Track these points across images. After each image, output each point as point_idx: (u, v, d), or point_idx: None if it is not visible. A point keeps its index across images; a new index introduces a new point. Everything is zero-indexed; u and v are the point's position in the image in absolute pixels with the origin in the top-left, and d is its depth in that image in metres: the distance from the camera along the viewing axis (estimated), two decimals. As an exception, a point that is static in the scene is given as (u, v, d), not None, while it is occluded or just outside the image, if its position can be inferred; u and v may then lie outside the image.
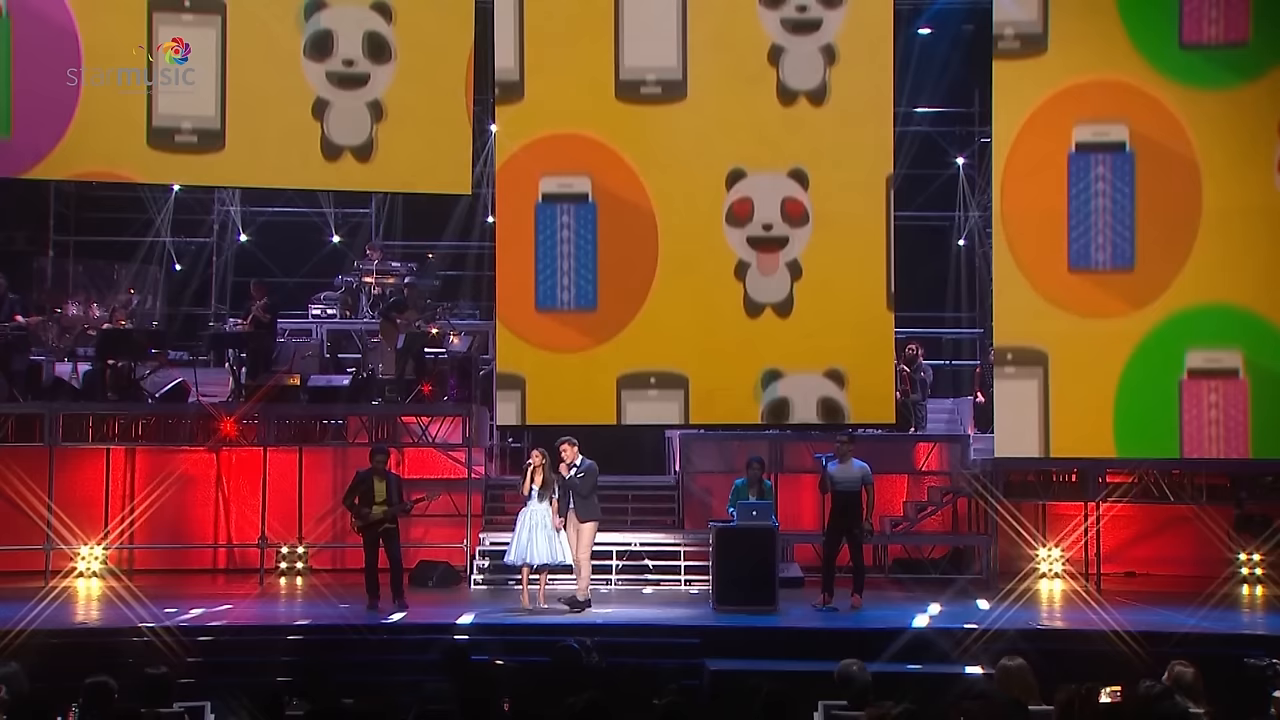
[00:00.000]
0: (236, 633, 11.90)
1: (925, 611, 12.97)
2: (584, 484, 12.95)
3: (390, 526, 13.21)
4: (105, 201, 19.06)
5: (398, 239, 20.42)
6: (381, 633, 12.04)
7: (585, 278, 15.48)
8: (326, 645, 11.60)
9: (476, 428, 16.13)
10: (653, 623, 12.47)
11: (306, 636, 11.80)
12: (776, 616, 12.78)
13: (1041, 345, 14.92)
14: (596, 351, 15.50)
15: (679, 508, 16.60)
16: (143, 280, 18.49)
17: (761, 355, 15.42)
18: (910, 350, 17.30)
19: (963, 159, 20.00)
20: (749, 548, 13.06)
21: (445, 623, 12.26)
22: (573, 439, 13.15)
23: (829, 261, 15.39)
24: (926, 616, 12.70)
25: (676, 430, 16.75)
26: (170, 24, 15.11)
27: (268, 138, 15.22)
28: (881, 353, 15.49)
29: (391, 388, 16.38)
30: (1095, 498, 15.33)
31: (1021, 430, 14.94)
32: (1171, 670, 7.11)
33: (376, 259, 18.67)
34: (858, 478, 13.23)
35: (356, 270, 18.79)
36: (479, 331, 17.88)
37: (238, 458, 16.45)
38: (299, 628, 12.19)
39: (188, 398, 16.19)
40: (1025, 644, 10.37)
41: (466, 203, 18.91)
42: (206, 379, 16.76)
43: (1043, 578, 15.47)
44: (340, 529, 15.61)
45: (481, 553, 15.37)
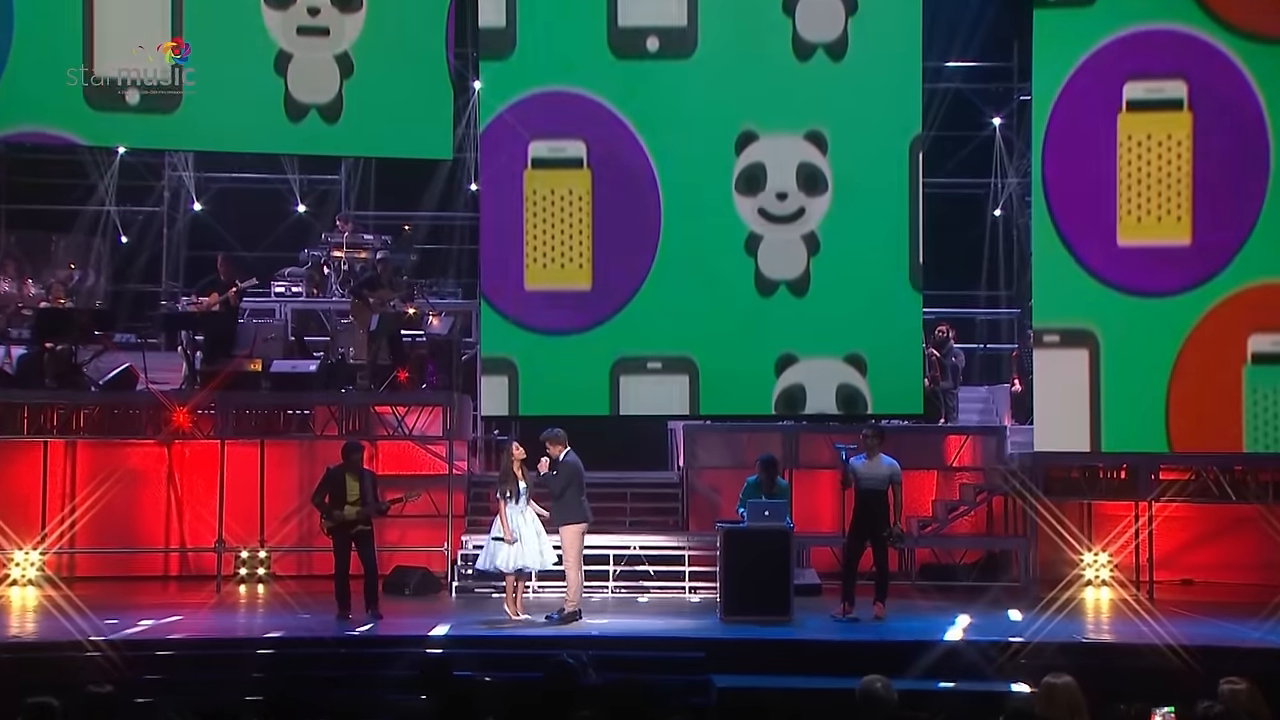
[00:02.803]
0: (190, 647, 11.87)
1: (957, 623, 12.95)
2: (555, 483, 12.94)
3: (363, 528, 13.20)
4: (41, 165, 18.97)
5: (370, 209, 20.39)
6: (353, 646, 12.01)
7: (579, 252, 15.46)
8: (292, 660, 11.57)
9: (459, 419, 16.12)
10: (654, 635, 12.45)
11: (269, 651, 11.77)
12: (791, 628, 12.75)
13: (1087, 327, 14.91)
14: (592, 334, 15.50)
15: (683, 507, 16.60)
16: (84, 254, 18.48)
17: (775, 338, 15.42)
18: (940, 332, 17.29)
19: (999, 119, 19.95)
20: (761, 552, 13.05)
21: (424, 635, 12.23)
22: (559, 434, 13.09)
23: (850, 234, 15.39)
24: (958, 628, 12.68)
25: (680, 421, 16.74)
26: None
27: (224, 95, 15.17)
28: (907, 335, 15.49)
29: (364, 374, 16.37)
30: (1147, 497, 15.31)
31: (1064, 421, 14.94)
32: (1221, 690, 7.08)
33: (347, 231, 18.65)
34: (885, 475, 13.20)
35: (324, 244, 18.76)
36: (461, 312, 17.87)
37: (192, 452, 16.41)
38: (261, 641, 12.15)
39: (135, 385, 16.17)
40: (1068, 659, 10.37)
41: (447, 168, 18.87)
42: (157, 364, 16.73)
43: (1088, 586, 15.46)
44: (307, 531, 15.56)
45: (464, 557, 15.35)
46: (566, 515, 12.97)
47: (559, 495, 12.93)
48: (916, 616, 13.52)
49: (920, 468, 16.54)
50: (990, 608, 14.00)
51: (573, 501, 12.96)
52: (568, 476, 12.93)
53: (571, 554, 12.99)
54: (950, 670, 11.09)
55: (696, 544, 15.52)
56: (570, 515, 12.96)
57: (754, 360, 15.46)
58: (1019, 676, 10.60)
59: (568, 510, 12.97)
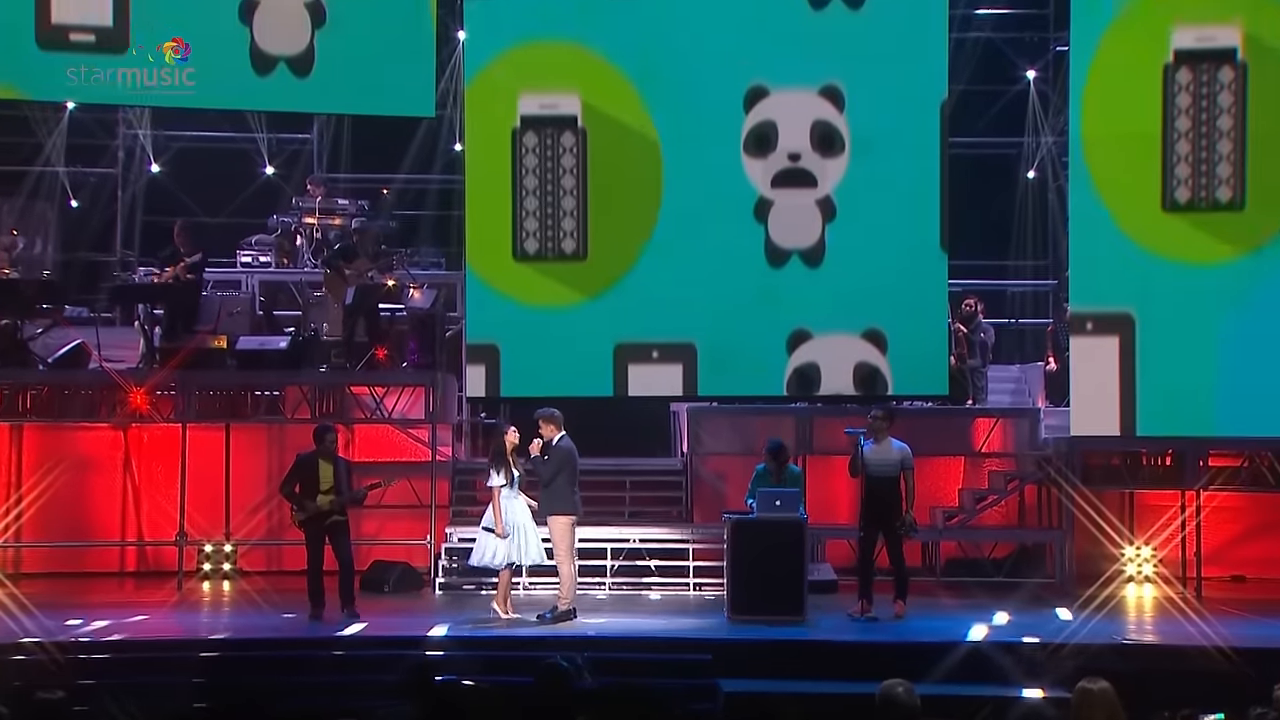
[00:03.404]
0: (148, 649, 11.89)
1: (985, 622, 12.96)
2: (545, 469, 12.92)
3: (338, 520, 13.20)
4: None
5: (345, 171, 20.35)
6: (328, 648, 12.03)
7: (573, 219, 15.43)
8: (260, 665, 11.60)
9: (442, 400, 16.12)
10: (655, 635, 12.47)
11: (236, 653, 11.79)
12: (804, 628, 12.78)
13: (1129, 299, 14.86)
14: (587, 308, 15.47)
15: (686, 497, 16.61)
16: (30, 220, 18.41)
17: (786, 312, 15.38)
18: (967, 306, 17.26)
19: (1034, 72, 19.89)
20: (771, 545, 13.06)
21: (405, 635, 12.26)
22: (556, 415, 13.09)
23: (869, 198, 15.33)
24: (986, 628, 12.70)
25: (683, 403, 16.73)
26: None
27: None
28: (932, 309, 15.46)
29: (339, 352, 16.35)
30: (1194, 485, 15.33)
31: (1104, 403, 14.90)
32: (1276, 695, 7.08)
33: (319, 196, 18.60)
34: (895, 461, 13.22)
35: (295, 209, 18.73)
36: (445, 284, 17.84)
37: (150, 437, 16.42)
38: (226, 643, 12.17)
39: (88, 363, 16.15)
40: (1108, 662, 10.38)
41: (429, 127, 18.82)
42: (111, 340, 16.72)
43: (1129, 582, 15.48)
44: (277, 523, 15.60)
45: (449, 551, 15.37)
46: (556, 505, 12.96)
47: (548, 483, 12.93)
48: (941, 615, 13.54)
49: (945, 454, 16.56)
50: (1022, 606, 14.01)
51: (563, 491, 12.95)
52: (559, 463, 12.92)
53: (563, 547, 12.99)
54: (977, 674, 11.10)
55: (701, 537, 15.54)
56: (560, 505, 12.95)
57: (764, 337, 15.42)
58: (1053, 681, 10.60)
59: (557, 500, 12.95)
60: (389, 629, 12.59)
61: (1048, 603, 14.30)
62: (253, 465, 16.33)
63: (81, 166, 19.71)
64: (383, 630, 12.55)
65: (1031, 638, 11.96)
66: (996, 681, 10.99)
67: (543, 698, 7.62)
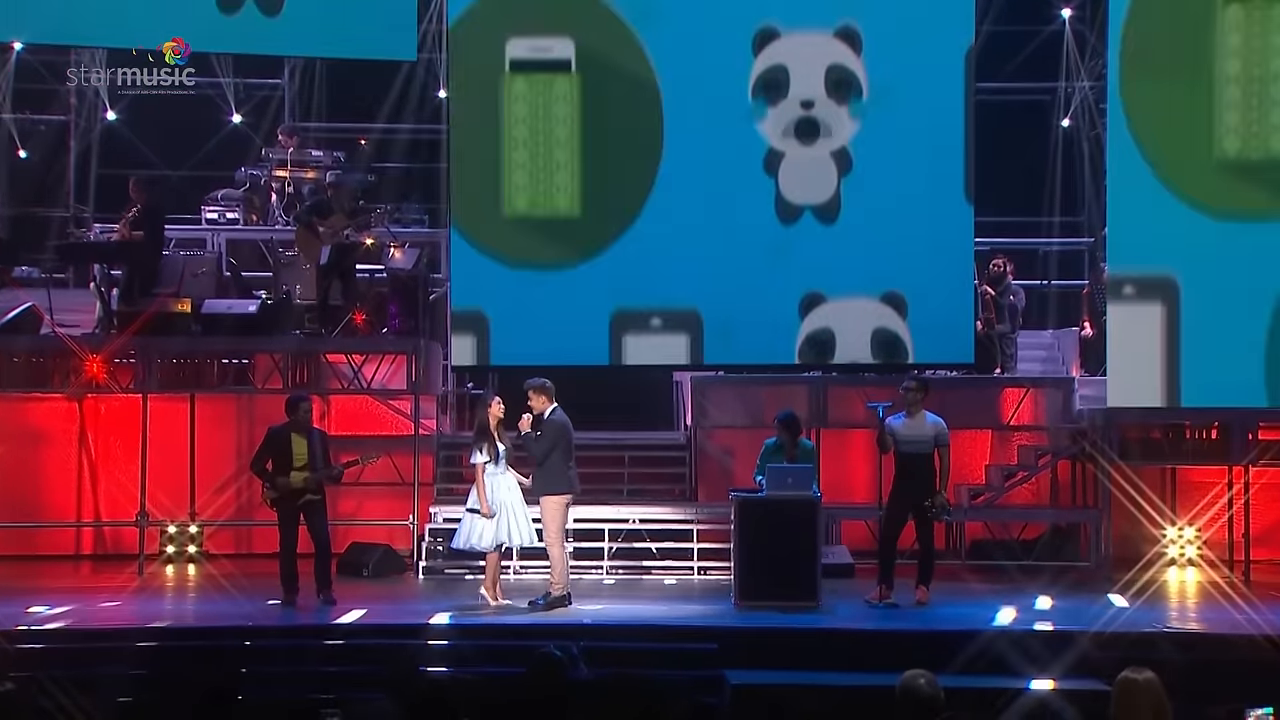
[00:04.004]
0: (107, 638, 11.87)
1: (1014, 609, 12.98)
2: (538, 445, 12.93)
3: (313, 498, 13.21)
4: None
5: (319, 120, 20.29)
6: (302, 636, 12.05)
7: (567, 173, 15.43)
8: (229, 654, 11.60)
9: (425, 369, 16.11)
10: (657, 623, 12.49)
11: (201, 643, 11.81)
12: (818, 615, 12.81)
13: (1173, 260, 14.86)
14: (582, 270, 15.48)
15: (690, 473, 16.62)
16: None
17: (799, 274, 15.40)
18: (995, 267, 17.25)
19: (1069, 11, 19.81)
20: (782, 525, 13.06)
21: (386, 623, 12.29)
22: (546, 385, 13.08)
23: (888, 149, 15.36)
24: (1015, 615, 12.72)
25: (687, 372, 16.74)
26: None
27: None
28: (956, 270, 15.49)
29: (313, 316, 16.34)
30: (1243, 460, 15.34)
31: (1144, 371, 14.93)
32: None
33: (291, 146, 18.56)
34: (929, 436, 13.20)
35: (264, 161, 18.69)
36: (428, 243, 17.82)
37: (108, 408, 16.42)
38: (192, 631, 12.19)
39: (39, 328, 16.13)
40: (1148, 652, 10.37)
41: (410, 72, 18.75)
42: (65, 303, 16.68)
43: (1171, 565, 15.50)
44: (246, 502, 15.61)
45: (433, 532, 15.39)
46: (550, 484, 12.96)
47: (542, 460, 12.93)
48: (967, 602, 13.56)
49: (972, 427, 16.55)
50: (1055, 592, 14.03)
51: (558, 468, 12.95)
52: (553, 438, 12.91)
53: (554, 529, 13.01)
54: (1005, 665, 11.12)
55: (707, 516, 15.56)
56: (554, 484, 12.95)
57: (774, 300, 15.45)
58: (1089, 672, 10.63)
59: (552, 478, 12.95)
60: (368, 616, 12.59)
61: (1083, 588, 14.32)
62: (220, 439, 16.33)
63: (30, 113, 19.63)
64: (362, 618, 12.54)
65: (1065, 626, 11.97)
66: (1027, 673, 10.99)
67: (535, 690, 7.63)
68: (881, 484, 14.33)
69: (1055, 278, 19.56)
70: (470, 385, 17.84)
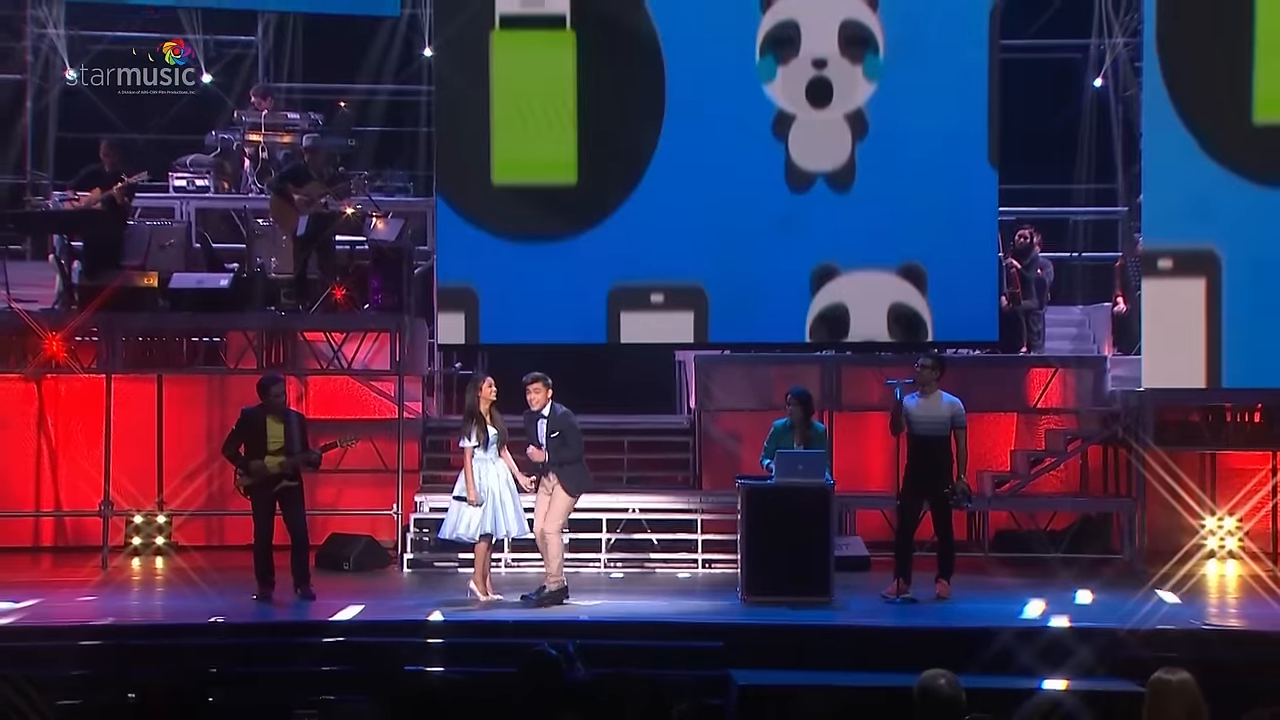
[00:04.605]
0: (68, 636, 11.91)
1: (1040, 604, 13.03)
2: (569, 451, 13.01)
3: (290, 485, 13.23)
4: None
5: (296, 80, 20.26)
6: (278, 634, 12.11)
7: (562, 137, 15.42)
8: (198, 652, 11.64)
9: (410, 348, 16.12)
10: (658, 619, 12.54)
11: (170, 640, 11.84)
12: (831, 611, 12.86)
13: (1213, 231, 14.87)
14: (578, 241, 15.49)
15: (694, 459, 16.65)
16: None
17: (810, 245, 15.40)
18: (1022, 238, 17.25)
19: (1102, -41, 19.81)
20: (793, 515, 13.10)
21: (368, 619, 12.32)
22: (544, 377, 13.13)
23: (906, 111, 15.36)
24: (1042, 611, 12.76)
25: (690, 351, 16.76)
26: None
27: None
28: (980, 241, 15.50)
29: (289, 291, 16.34)
30: (1287, 446, 15.42)
31: (1182, 350, 14.94)
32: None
33: (266, 109, 18.54)
34: (945, 418, 13.23)
35: (237, 124, 18.66)
36: (413, 212, 17.81)
37: (69, 390, 16.45)
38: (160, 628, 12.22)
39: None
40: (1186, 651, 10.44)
41: (394, 28, 18.72)
42: (22, 278, 16.67)
43: (1210, 558, 15.54)
44: (218, 490, 15.65)
45: (418, 522, 15.42)
46: (582, 482, 13.21)
47: (576, 460, 13.09)
48: (990, 597, 13.62)
49: (996, 410, 16.57)
50: (1085, 586, 14.07)
51: (583, 466, 13.21)
52: (578, 438, 13.10)
53: (563, 520, 13.14)
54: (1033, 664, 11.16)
55: (711, 506, 15.59)
56: (584, 482, 13.22)
57: (784, 274, 15.46)
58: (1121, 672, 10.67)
59: (583, 476, 13.22)
60: (349, 612, 12.63)
61: (1115, 582, 14.34)
62: (189, 423, 16.37)
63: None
64: (342, 614, 12.58)
65: (1095, 623, 12.01)
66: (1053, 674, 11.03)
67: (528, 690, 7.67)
68: (899, 470, 14.35)
69: (1086, 249, 19.57)
70: (458, 365, 17.85)
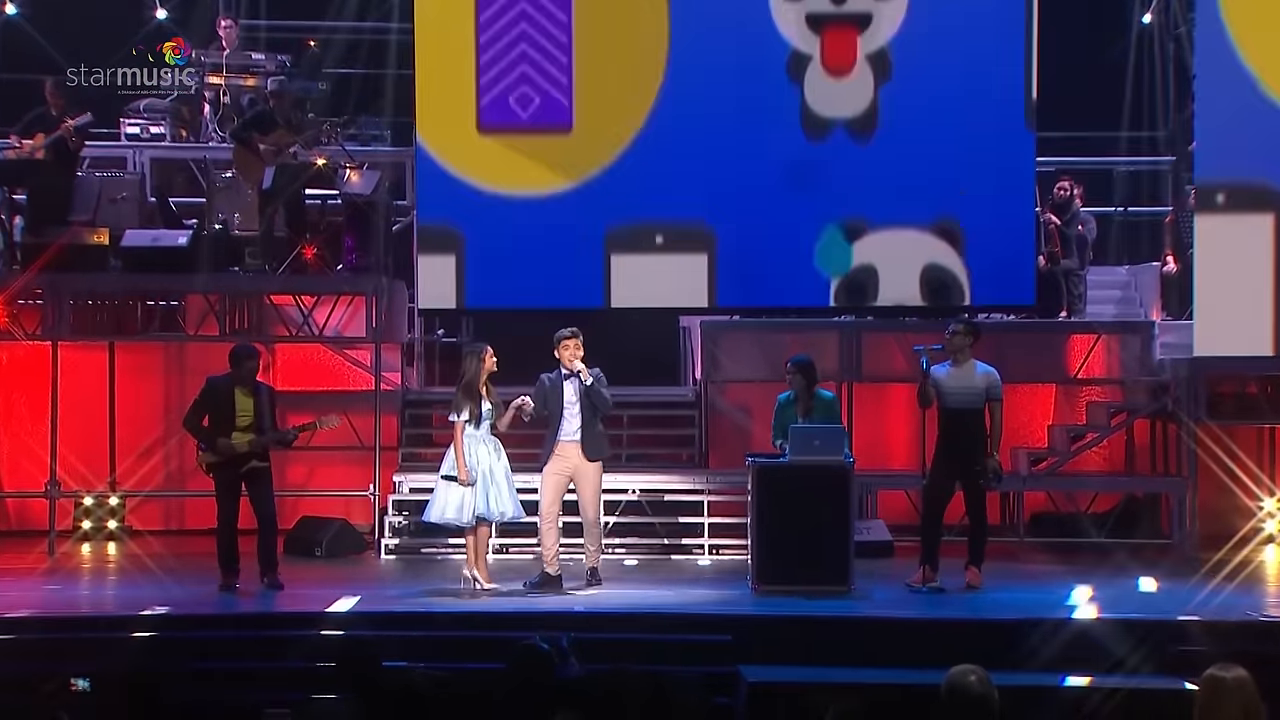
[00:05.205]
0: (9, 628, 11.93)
1: (1082, 594, 13.02)
2: (605, 402, 13.17)
3: (257, 465, 13.22)
4: None
5: (260, 17, 20.21)
6: (244, 627, 12.10)
7: (555, 80, 15.41)
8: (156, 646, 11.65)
9: (388, 313, 16.12)
10: (660, 610, 12.53)
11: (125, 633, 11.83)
12: (851, 601, 12.87)
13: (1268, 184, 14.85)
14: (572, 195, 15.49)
15: (700, 436, 16.66)
16: None
17: (831, 199, 15.39)
18: (1061, 191, 17.23)
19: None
20: (809, 496, 13.08)
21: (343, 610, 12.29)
22: (576, 332, 13.19)
23: (935, 51, 15.35)
24: (1084, 601, 12.76)
25: (696, 316, 16.76)
26: None
27: None
28: (1014, 195, 15.48)
29: (255, 250, 16.32)
30: (1355, 419, 15.44)
31: (1238, 314, 14.93)
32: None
33: (228, 49, 18.49)
34: (980, 389, 13.19)
35: (196, 66, 18.61)
36: (391, 163, 17.80)
37: (11, 358, 16.47)
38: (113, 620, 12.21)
39: (-70, 265, 16.16)
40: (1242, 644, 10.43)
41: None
42: (-41, 235, 16.71)
43: (1270, 542, 15.56)
44: (177, 470, 15.66)
45: (397, 504, 15.43)
46: (604, 446, 13.35)
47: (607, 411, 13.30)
48: (1025, 586, 13.62)
49: (1033, 380, 16.59)
50: (1129, 573, 14.08)
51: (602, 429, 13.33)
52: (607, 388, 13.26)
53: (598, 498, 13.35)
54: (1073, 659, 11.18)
55: (719, 486, 15.61)
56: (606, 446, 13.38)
57: (801, 230, 15.45)
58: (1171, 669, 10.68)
59: (605, 440, 13.38)
60: (322, 602, 12.62)
61: (1164, 570, 14.35)
62: (144, 395, 16.38)
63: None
64: (313, 605, 12.58)
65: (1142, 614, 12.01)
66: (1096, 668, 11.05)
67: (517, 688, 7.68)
68: (925, 447, 14.32)
69: (1132, 204, 19.54)
70: (441, 332, 17.85)
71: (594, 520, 13.38)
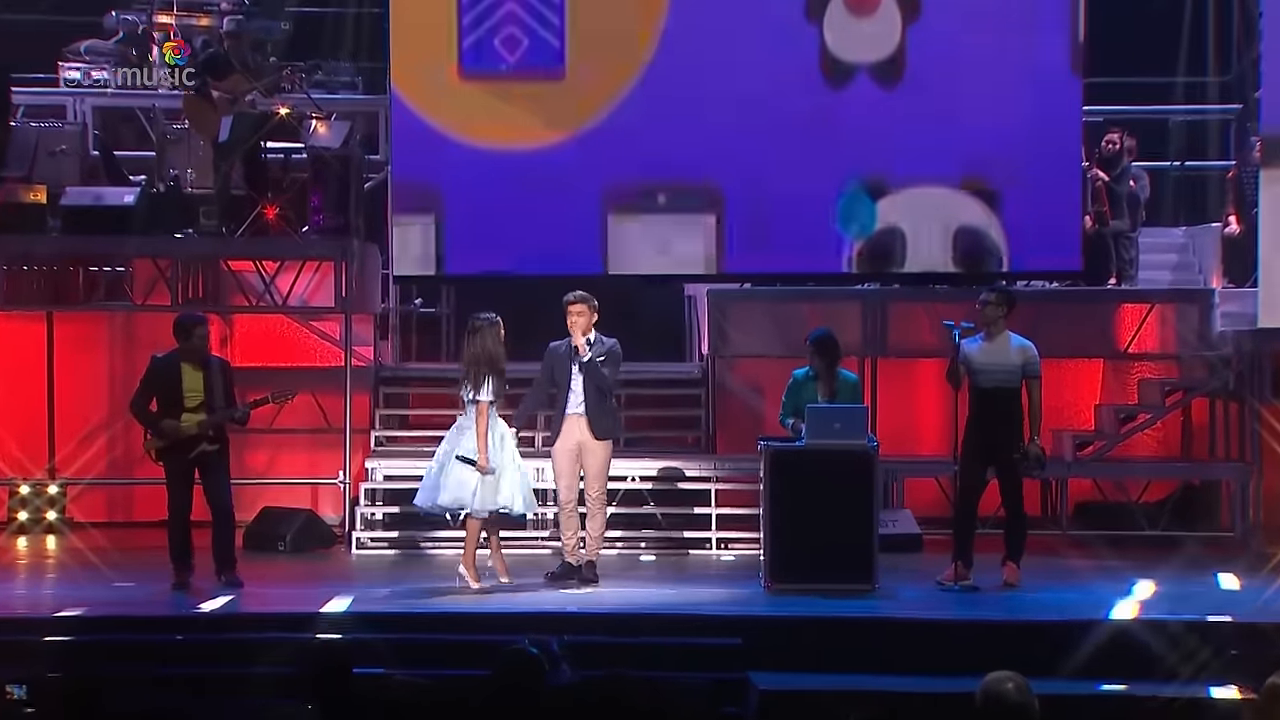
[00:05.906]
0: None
1: (1133, 593, 13.07)
2: (611, 373, 13.24)
3: (211, 449, 13.24)
4: None
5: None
6: (199, 630, 12.11)
7: (544, 20, 15.42)
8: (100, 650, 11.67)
9: (360, 281, 16.14)
10: (664, 611, 12.57)
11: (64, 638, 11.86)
12: (874, 600, 12.91)
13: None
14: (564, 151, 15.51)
15: (707, 417, 16.69)
16: None
17: (852, 152, 15.40)
18: (1110, 144, 17.21)
19: None
20: (828, 485, 13.12)
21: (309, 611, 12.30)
22: (588, 297, 13.21)
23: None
24: (1135, 601, 12.80)
25: (703, 284, 16.78)
26: None
27: None
28: (1059, 148, 15.48)
29: (210, 211, 16.31)
30: None
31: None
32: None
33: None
34: (1016, 365, 13.19)
35: (144, 4, 18.60)
36: (362, 113, 17.80)
37: (-59, 332, 16.50)
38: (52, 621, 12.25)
39: None
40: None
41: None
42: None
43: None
44: (123, 455, 15.70)
45: (370, 493, 15.45)
46: (615, 425, 13.52)
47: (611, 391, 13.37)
48: (1068, 584, 13.65)
49: (1078, 355, 16.61)
50: (1186, 571, 14.10)
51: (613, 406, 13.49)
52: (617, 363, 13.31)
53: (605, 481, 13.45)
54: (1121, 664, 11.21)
55: (729, 473, 15.64)
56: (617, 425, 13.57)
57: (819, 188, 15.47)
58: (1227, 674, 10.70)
59: (616, 418, 13.58)
60: (284, 602, 12.70)
61: (1224, 565, 14.38)
62: (87, 372, 16.39)
63: None
64: (276, 605, 12.66)
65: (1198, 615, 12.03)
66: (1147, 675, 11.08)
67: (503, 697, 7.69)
68: (957, 430, 14.33)
69: (1190, 158, 19.53)
70: (418, 301, 17.87)
71: (597, 498, 13.37)
